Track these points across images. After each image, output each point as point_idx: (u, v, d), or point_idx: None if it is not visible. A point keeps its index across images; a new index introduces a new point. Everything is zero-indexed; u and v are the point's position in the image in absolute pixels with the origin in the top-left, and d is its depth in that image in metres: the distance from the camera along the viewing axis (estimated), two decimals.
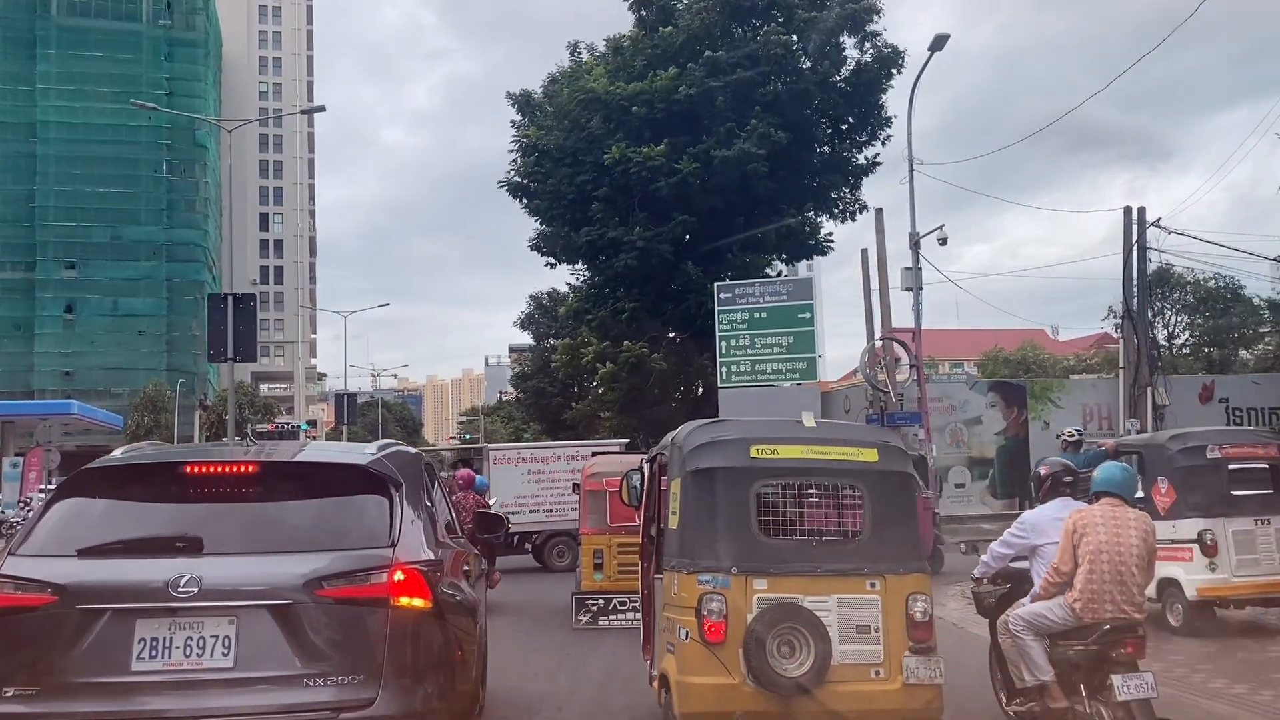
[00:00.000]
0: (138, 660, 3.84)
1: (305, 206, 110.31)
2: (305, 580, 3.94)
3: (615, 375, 25.82)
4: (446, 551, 4.77)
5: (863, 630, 5.18)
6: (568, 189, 26.79)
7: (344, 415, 45.87)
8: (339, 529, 4.25)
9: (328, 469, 4.66)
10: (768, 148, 24.47)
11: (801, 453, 5.54)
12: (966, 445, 24.71)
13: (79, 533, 4.15)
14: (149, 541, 4.12)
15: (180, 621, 3.89)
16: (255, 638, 3.89)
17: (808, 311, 23.75)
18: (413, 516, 4.41)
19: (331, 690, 3.85)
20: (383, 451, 4.74)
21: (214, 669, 3.85)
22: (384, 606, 3.97)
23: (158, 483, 4.44)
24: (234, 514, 4.34)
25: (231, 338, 22.78)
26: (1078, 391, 25.84)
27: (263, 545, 4.16)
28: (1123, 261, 25.06)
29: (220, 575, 3.96)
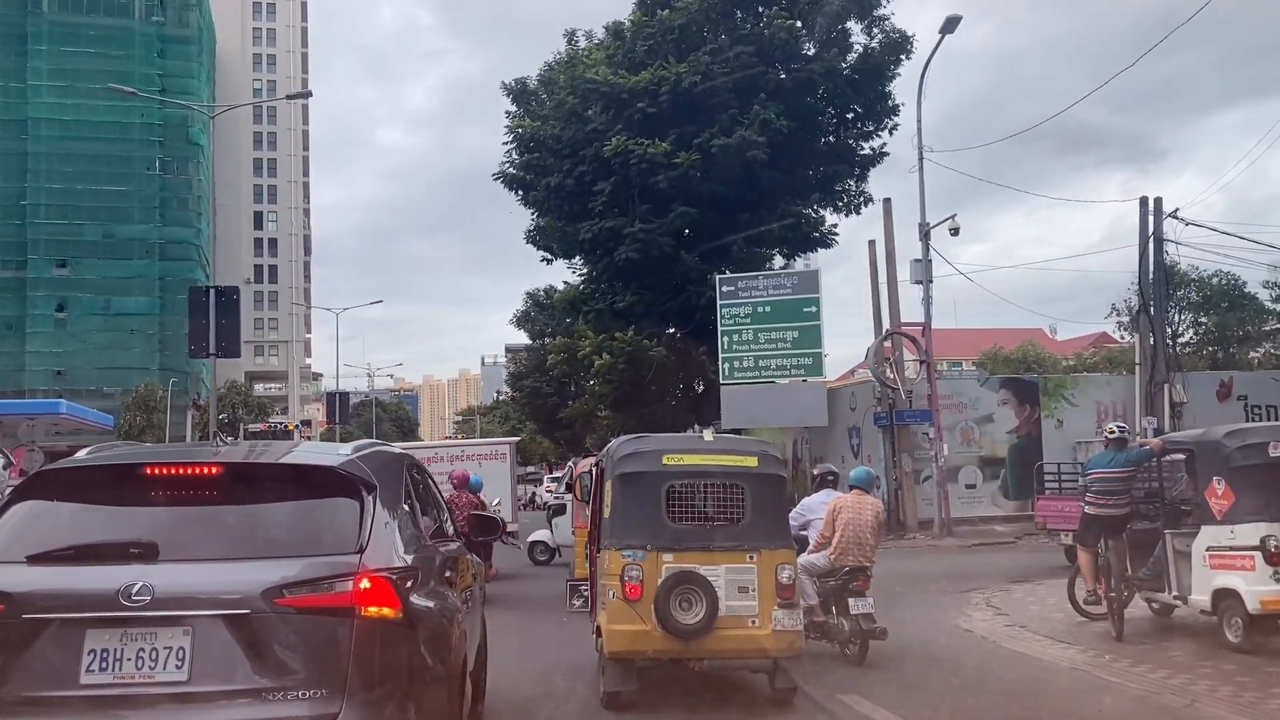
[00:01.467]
0: (86, 673, 3.61)
1: (300, 204, 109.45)
2: (265, 588, 3.69)
3: (612, 367, 24.86)
4: (427, 557, 4.55)
5: (743, 590, 6.93)
6: (566, 181, 25.88)
7: (335, 414, 44.94)
8: (304, 534, 3.99)
9: (295, 471, 4.38)
10: (769, 135, 23.58)
11: (700, 460, 7.35)
12: (977, 444, 23.85)
13: (32, 538, 3.91)
14: (102, 547, 3.85)
15: (132, 632, 3.65)
16: (211, 649, 3.64)
17: (813, 305, 22.85)
18: (387, 520, 4.17)
19: (292, 705, 3.62)
20: (358, 452, 4.50)
21: (167, 682, 3.60)
22: (349, 616, 3.72)
23: (117, 485, 4.19)
24: (194, 518, 4.11)
25: (214, 332, 21.92)
26: (1091, 388, 24.98)
27: (222, 551, 3.91)
28: (1139, 254, 24.23)
29: (174, 583, 3.71)
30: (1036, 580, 14.06)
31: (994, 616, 11.06)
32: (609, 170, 24.91)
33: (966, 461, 23.68)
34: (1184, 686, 7.41)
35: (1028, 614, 11.08)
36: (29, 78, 79.42)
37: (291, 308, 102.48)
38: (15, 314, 77.71)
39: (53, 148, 78.74)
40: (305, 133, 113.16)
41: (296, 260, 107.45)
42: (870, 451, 24.12)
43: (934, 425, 22.15)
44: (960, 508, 22.70)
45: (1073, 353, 51.78)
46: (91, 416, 38.45)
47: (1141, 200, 24.23)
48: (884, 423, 22.67)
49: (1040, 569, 15.63)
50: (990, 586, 13.63)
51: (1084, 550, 9.93)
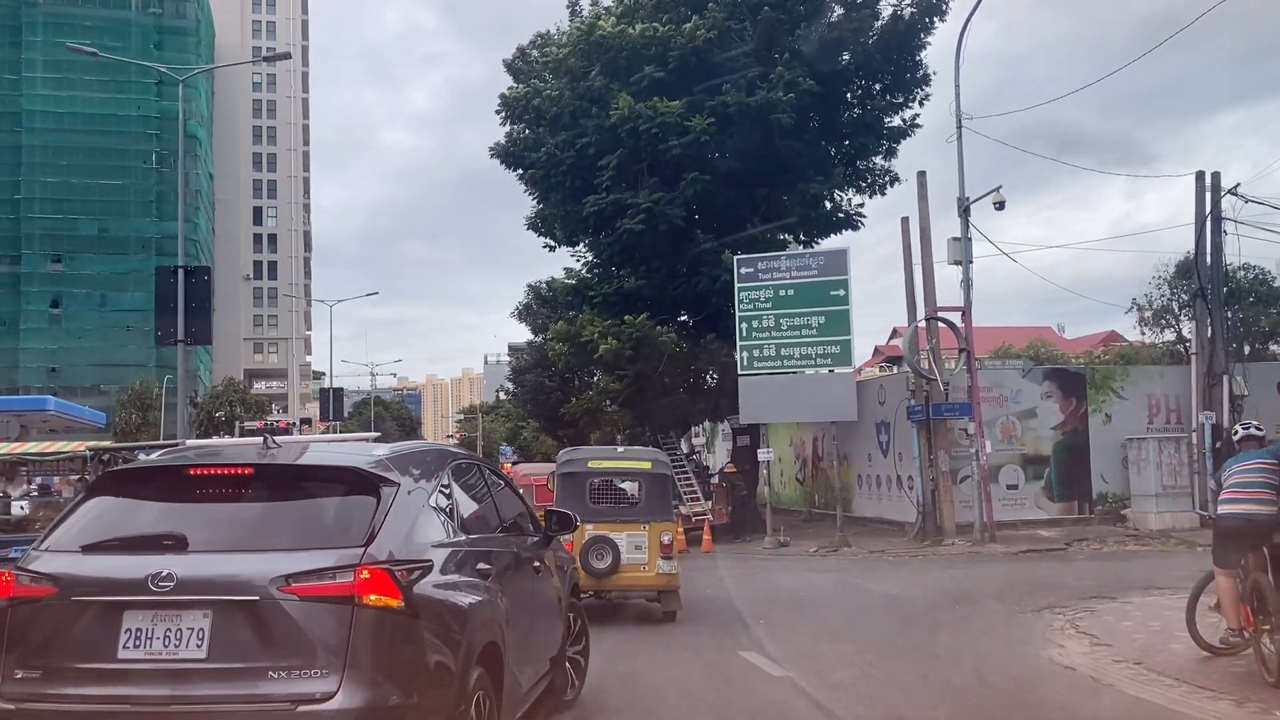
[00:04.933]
0: (123, 649, 4.04)
1: (300, 200, 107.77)
2: (274, 577, 4.03)
3: (619, 353, 22.72)
4: (453, 550, 4.83)
5: (638, 548, 11.18)
6: (566, 154, 23.73)
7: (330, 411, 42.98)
8: (319, 528, 4.37)
9: (319, 470, 4.79)
10: (796, 95, 21.40)
11: (613, 464, 12.14)
12: (1019, 441, 21.79)
13: (88, 530, 4.42)
14: (140, 539, 4.34)
15: (161, 614, 4.06)
16: (227, 631, 4.01)
17: (842, 288, 20.74)
18: (404, 516, 4.48)
19: (294, 682, 3.95)
20: (392, 452, 4.89)
21: (189, 659, 4.00)
22: (349, 604, 4.03)
23: (163, 484, 4.70)
24: (224, 513, 4.52)
25: (182, 317, 19.96)
26: (1143, 380, 22.90)
27: (243, 543, 4.31)
28: (1195, 234, 22.16)
29: (196, 571, 4.12)
30: (1118, 597, 12.05)
31: (1092, 647, 9.02)
32: (615, 140, 22.77)
33: (1008, 460, 21.62)
34: None
35: (1133, 644, 9.05)
36: (23, 69, 78.19)
37: (292, 305, 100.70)
38: (9, 310, 76.46)
39: (47, 140, 77.53)
40: (305, 127, 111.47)
41: (296, 256, 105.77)
42: (902, 449, 22.05)
43: (974, 420, 20.10)
44: (1001, 510, 20.65)
45: (1083, 351, 49.90)
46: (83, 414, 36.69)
47: (1198, 175, 22.19)
48: (919, 417, 20.60)
49: (1113, 582, 13.65)
50: (1065, 605, 11.63)
51: (1222, 573, 7.94)
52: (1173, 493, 20.94)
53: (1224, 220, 21.96)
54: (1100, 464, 22.01)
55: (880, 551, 19.24)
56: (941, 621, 10.93)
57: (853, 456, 24.17)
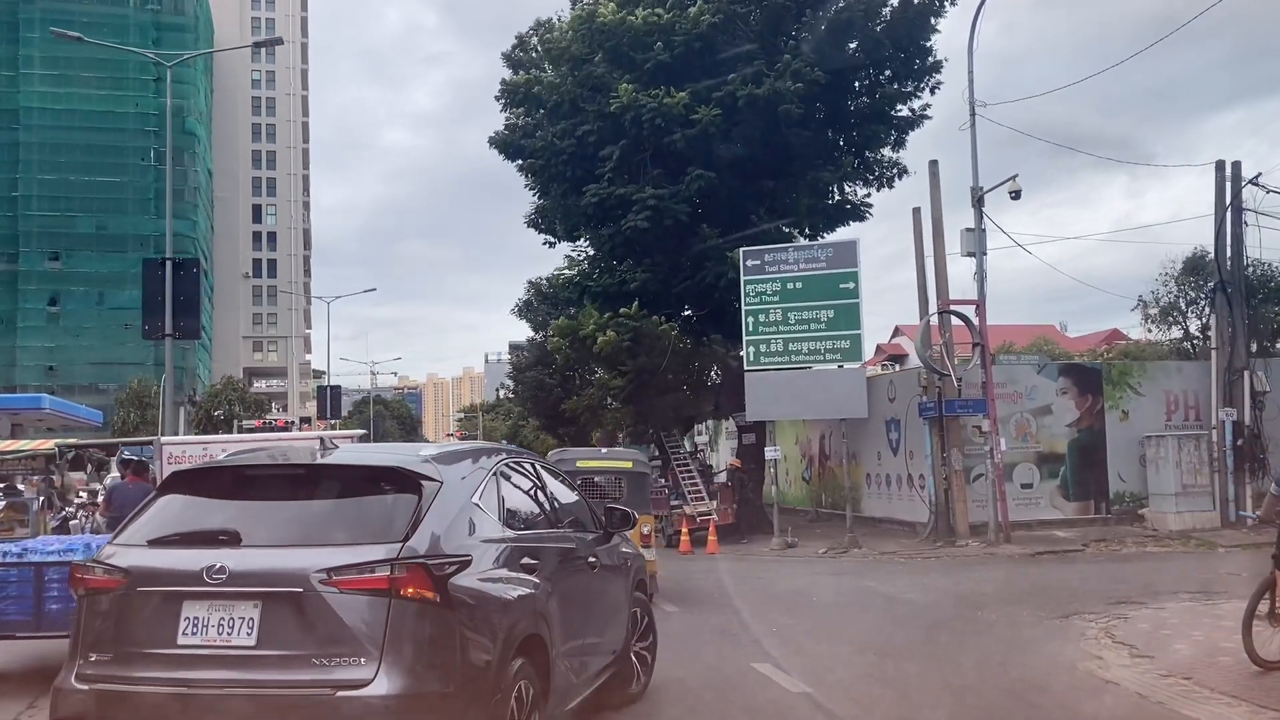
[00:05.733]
0: (182, 636, 4.28)
1: (299, 198, 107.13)
2: (318, 571, 4.22)
3: (618, 346, 22.00)
4: (496, 545, 4.96)
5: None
6: (566, 143, 23.01)
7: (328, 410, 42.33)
8: (361, 524, 4.54)
9: (365, 470, 4.96)
10: (804, 85, 20.69)
11: (598, 464, 13.14)
12: (1034, 438, 21.11)
13: (155, 525, 4.72)
14: (199, 534, 4.58)
15: (216, 604, 4.28)
16: (274, 620, 4.22)
17: (851, 281, 20.07)
18: (445, 512, 4.64)
19: (333, 669, 4.14)
20: (437, 450, 5.22)
21: (240, 646, 4.22)
22: (386, 597, 4.21)
23: (222, 482, 5.01)
24: (275, 510, 4.74)
25: (170, 310, 19.30)
26: (1161, 376, 22.21)
27: (292, 538, 4.53)
28: (1215, 226, 21.52)
29: (247, 564, 4.33)
30: (1148, 602, 11.42)
31: (1133, 659, 8.36)
32: (617, 131, 22.06)
33: (1022, 458, 20.95)
34: None
35: (1177, 655, 8.40)
36: (20, 66, 77.81)
37: (291, 303, 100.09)
38: (7, 308, 76.04)
39: (44, 138, 77.15)
40: (305, 125, 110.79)
41: (296, 254, 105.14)
42: (913, 447, 21.39)
43: (989, 417, 19.44)
44: (1015, 510, 19.97)
45: (1086, 349, 49.24)
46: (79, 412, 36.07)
47: (1218, 164, 21.56)
48: (931, 413, 19.94)
49: (1140, 586, 13.04)
50: (1093, 610, 10.99)
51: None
52: (1193, 492, 20.27)
53: (1244, 211, 21.35)
54: (1117, 462, 21.35)
55: (892, 553, 18.60)
56: (966, 630, 10.28)
57: (861, 455, 23.49)
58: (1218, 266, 21.59)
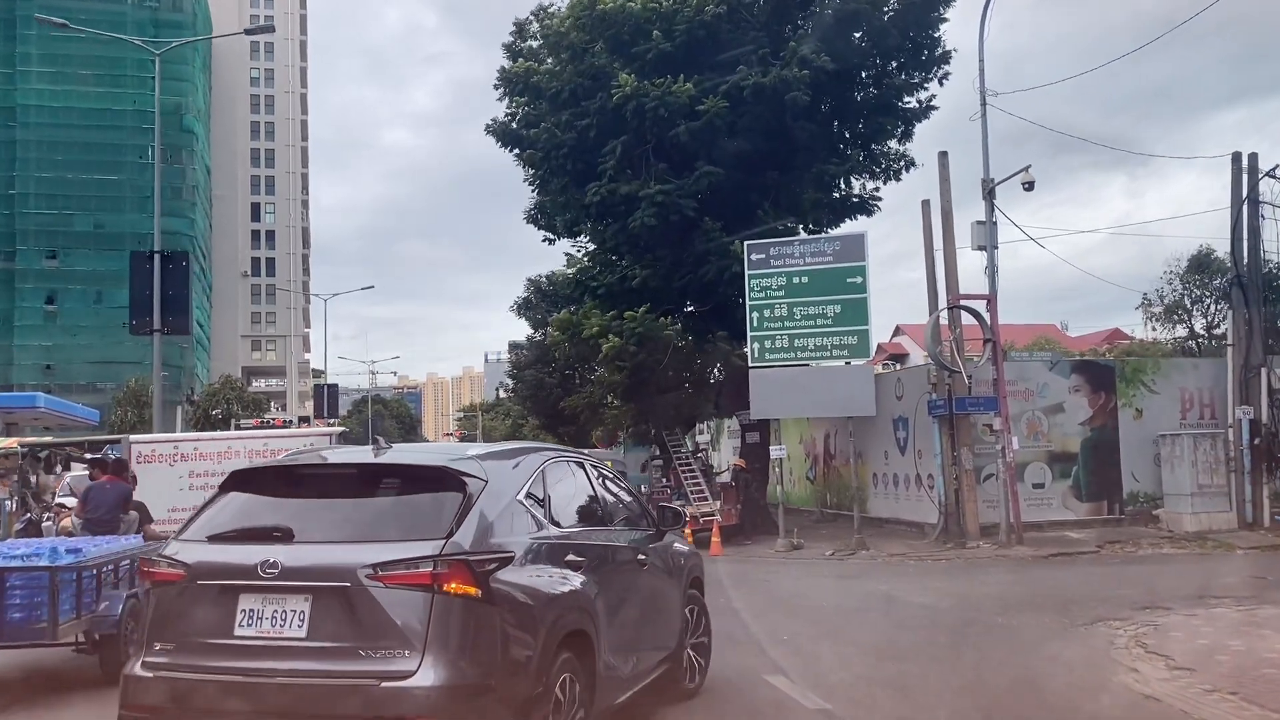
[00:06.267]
0: (239, 627, 4.50)
1: (298, 196, 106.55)
2: (364, 566, 4.38)
3: (621, 351, 21.43)
4: (539, 542, 5.07)
5: None
6: (566, 134, 22.43)
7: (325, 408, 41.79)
8: (407, 522, 4.68)
9: (411, 469, 5.10)
10: (811, 73, 20.11)
11: None
12: (1046, 437, 20.58)
13: (215, 522, 4.92)
14: (255, 530, 4.76)
15: (270, 597, 4.50)
16: (324, 613, 4.41)
17: (859, 275, 19.52)
18: (488, 511, 4.76)
19: (379, 661, 4.29)
20: (482, 450, 5.35)
21: (292, 638, 4.41)
22: (429, 592, 4.35)
23: (278, 481, 5.19)
24: (326, 508, 4.91)
25: (159, 305, 18.84)
26: (1175, 373, 21.66)
27: (341, 535, 4.67)
28: (1231, 219, 20.97)
29: (299, 560, 4.52)
30: (1174, 608, 10.89)
31: (1171, 671, 7.83)
32: (619, 124, 21.47)
33: (1034, 457, 20.41)
34: None
35: (1219, 668, 7.88)
36: (17, 63, 77.42)
37: (290, 302, 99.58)
38: (3, 307, 75.67)
39: (42, 135, 76.75)
40: (304, 123, 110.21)
41: (295, 253, 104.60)
42: (922, 445, 20.85)
43: (1000, 415, 18.89)
44: (1027, 511, 19.41)
45: (1088, 349, 48.81)
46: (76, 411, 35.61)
47: (1234, 156, 20.99)
48: (941, 411, 19.40)
49: (1163, 590, 12.51)
50: (1119, 617, 10.47)
51: None
52: (1209, 492, 19.73)
53: (1261, 204, 20.81)
54: (1131, 462, 20.82)
55: (901, 555, 18.06)
56: (989, 638, 9.75)
57: (868, 454, 22.95)
58: (1234, 261, 21.04)
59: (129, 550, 9.12)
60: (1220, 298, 38.73)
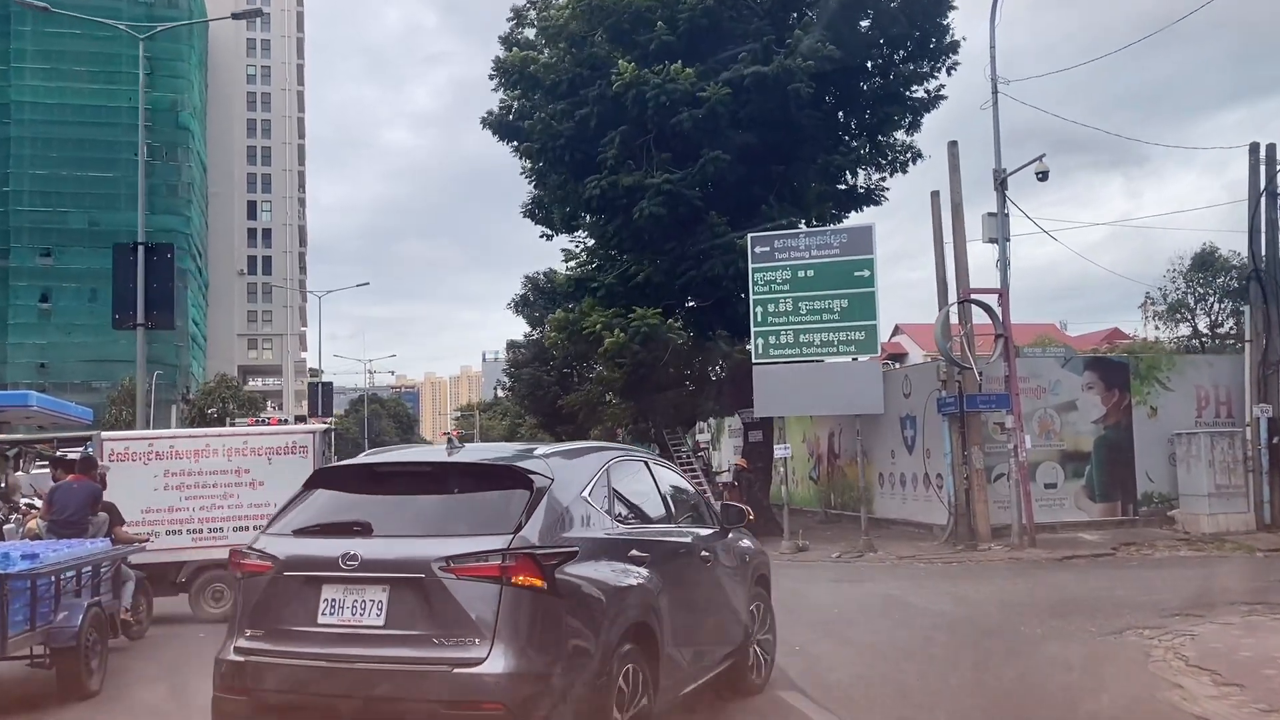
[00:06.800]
0: (321, 615, 4.75)
1: (295, 194, 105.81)
2: (437, 559, 4.61)
3: (625, 347, 20.78)
4: (604, 539, 5.26)
5: None
6: (564, 125, 21.77)
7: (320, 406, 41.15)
8: (478, 517, 4.91)
9: (482, 468, 5.35)
10: (815, 62, 19.48)
11: None
12: (1058, 436, 19.98)
13: (301, 517, 5.19)
14: (337, 525, 5.01)
15: (350, 587, 4.73)
16: (400, 603, 4.64)
17: (867, 268, 18.90)
18: (554, 507, 4.96)
19: (451, 649, 4.51)
20: (549, 450, 5.57)
21: (370, 626, 4.66)
22: (498, 584, 4.55)
23: (358, 478, 5.47)
24: (403, 504, 5.17)
25: (142, 298, 18.20)
26: (1191, 370, 21.07)
27: (417, 529, 4.94)
28: (1249, 211, 20.39)
29: (377, 553, 4.76)
30: (1206, 615, 10.31)
31: (1219, 688, 7.23)
32: (619, 113, 20.84)
33: (1046, 457, 19.82)
34: None
35: (1270, 684, 7.29)
36: (11, 59, 76.82)
37: (286, 300, 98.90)
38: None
39: (36, 132, 76.15)
40: (300, 120, 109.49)
41: (291, 251, 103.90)
42: (931, 444, 20.24)
43: (1013, 412, 18.29)
44: (1039, 512, 18.80)
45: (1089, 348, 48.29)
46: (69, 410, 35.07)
47: (1252, 147, 20.41)
48: (951, 409, 18.80)
49: (1191, 596, 11.96)
50: (1150, 625, 9.89)
51: None
52: (1226, 493, 19.14)
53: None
54: (1145, 461, 20.23)
55: (910, 557, 17.44)
56: (1013, 648, 9.14)
57: (873, 453, 22.33)
58: (1251, 255, 20.48)
59: (94, 555, 8.51)
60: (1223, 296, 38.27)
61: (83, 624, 7.57)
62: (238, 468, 12.01)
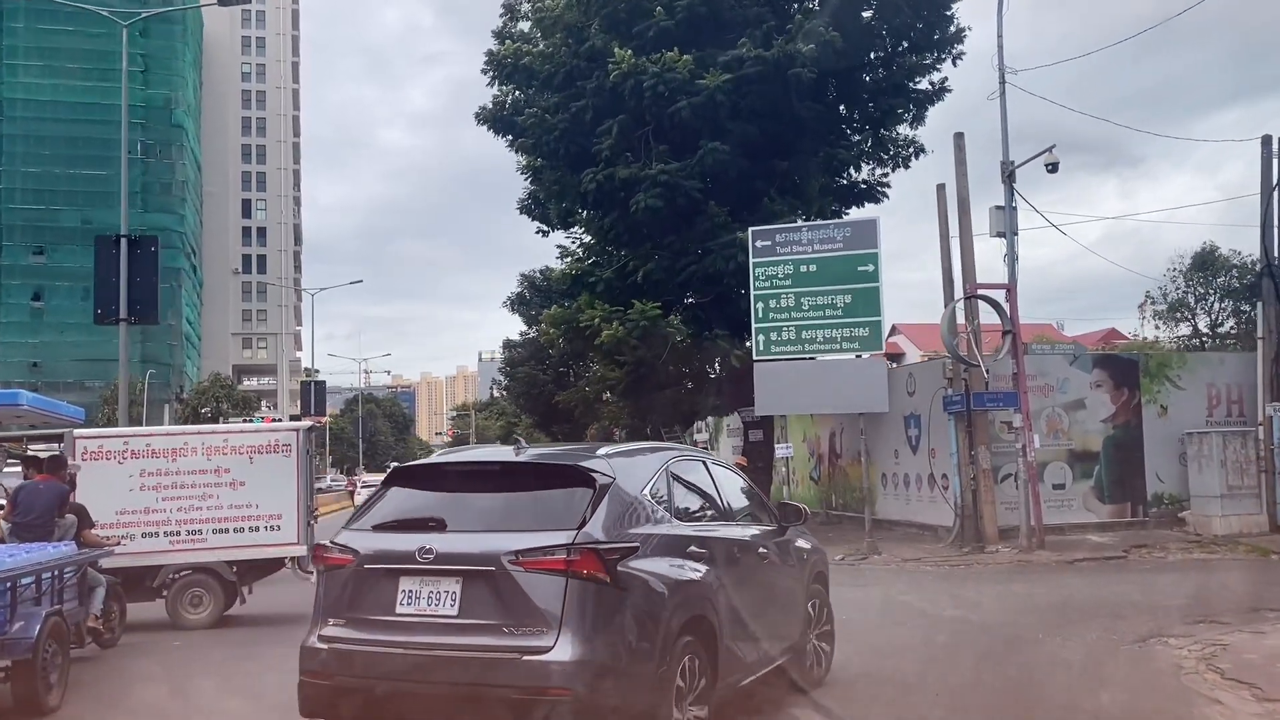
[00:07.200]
0: (399, 605, 5.05)
1: (290, 193, 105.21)
2: (507, 552, 4.87)
3: (623, 342, 20.26)
4: (663, 535, 5.44)
5: None
6: (559, 117, 21.21)
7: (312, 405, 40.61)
8: (544, 513, 5.17)
9: (547, 468, 5.63)
10: (817, 46, 18.93)
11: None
12: (1066, 435, 19.47)
13: (380, 513, 5.51)
14: (413, 520, 5.33)
15: (426, 579, 5.03)
16: (473, 594, 4.91)
17: (871, 263, 18.39)
18: (616, 505, 5.18)
19: (520, 637, 4.78)
20: (611, 451, 5.74)
21: (445, 616, 4.94)
22: (563, 576, 4.80)
23: (432, 477, 5.81)
24: (474, 500, 5.45)
25: (125, 292, 17.66)
26: (1202, 368, 20.56)
27: (488, 524, 5.24)
28: (1261, 205, 19.93)
29: (450, 547, 5.06)
30: (1233, 623, 9.83)
31: (1261, 704, 6.74)
32: (616, 104, 20.30)
33: (1053, 457, 19.29)
34: None
35: None
36: (3, 56, 76.25)
37: (281, 299, 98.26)
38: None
39: (29, 129, 75.70)
40: (296, 119, 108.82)
41: (286, 250, 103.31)
42: (936, 444, 19.71)
43: (1021, 411, 17.79)
44: (1047, 513, 18.31)
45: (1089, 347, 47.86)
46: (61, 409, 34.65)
47: (1264, 139, 19.98)
48: (958, 407, 18.29)
49: (1213, 601, 11.51)
50: (1174, 633, 9.41)
51: None
52: (1239, 494, 18.61)
53: None
54: (1155, 461, 19.71)
55: (917, 560, 16.94)
56: (1037, 660, 8.63)
57: (876, 453, 21.80)
58: (1264, 249, 19.98)
59: (56, 560, 7.97)
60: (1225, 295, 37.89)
61: (40, 635, 7.04)
62: (218, 467, 11.49)
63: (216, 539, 11.37)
